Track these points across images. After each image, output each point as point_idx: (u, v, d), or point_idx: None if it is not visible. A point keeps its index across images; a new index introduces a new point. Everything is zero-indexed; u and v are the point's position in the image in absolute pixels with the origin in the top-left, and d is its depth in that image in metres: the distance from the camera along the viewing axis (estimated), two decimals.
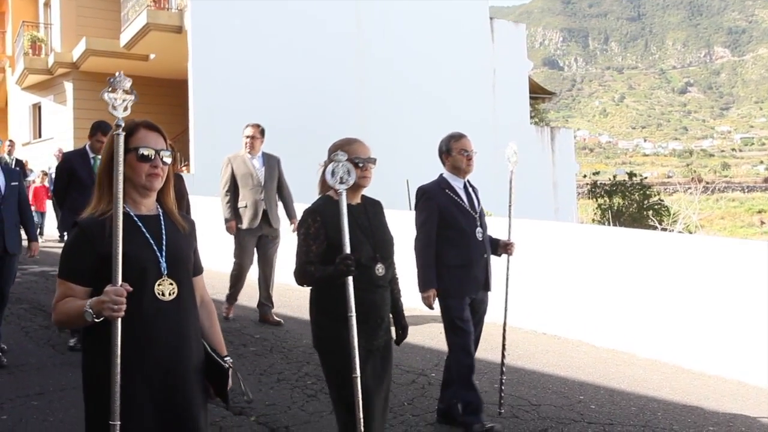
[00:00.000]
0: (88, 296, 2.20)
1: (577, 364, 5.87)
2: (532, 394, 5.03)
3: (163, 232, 2.37)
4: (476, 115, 17.89)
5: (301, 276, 3.09)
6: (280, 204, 7.11)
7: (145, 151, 2.30)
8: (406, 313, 3.45)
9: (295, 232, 6.65)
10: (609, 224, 18.48)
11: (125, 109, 2.18)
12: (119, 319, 2.10)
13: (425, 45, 17.45)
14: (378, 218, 3.25)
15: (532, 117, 22.18)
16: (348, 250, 2.89)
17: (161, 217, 2.41)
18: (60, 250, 2.37)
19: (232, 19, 15.16)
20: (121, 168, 2.13)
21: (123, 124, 2.17)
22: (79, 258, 2.25)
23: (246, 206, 6.81)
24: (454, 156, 4.37)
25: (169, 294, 2.30)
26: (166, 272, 2.30)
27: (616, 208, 21.83)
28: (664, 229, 16.18)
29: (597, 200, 22.86)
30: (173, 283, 2.32)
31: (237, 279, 7.11)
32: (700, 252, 5.99)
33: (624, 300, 6.31)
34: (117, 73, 2.22)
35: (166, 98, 18.60)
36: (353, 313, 2.89)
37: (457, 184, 4.39)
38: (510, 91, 19.31)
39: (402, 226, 4.89)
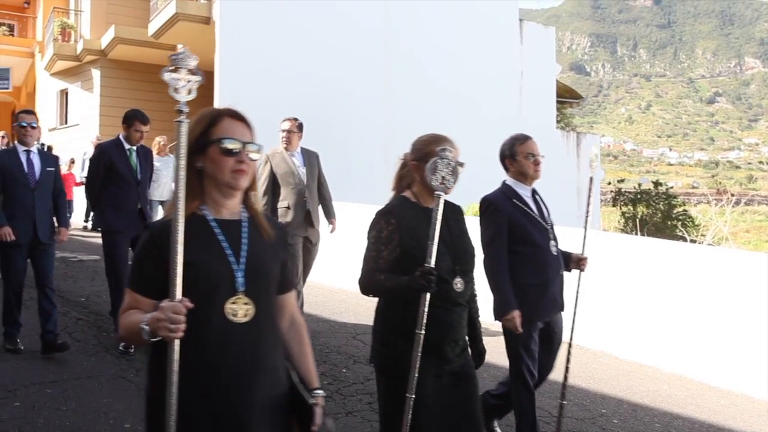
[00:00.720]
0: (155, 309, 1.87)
1: (599, 376, 5.73)
2: (553, 406, 4.90)
3: (244, 240, 2.01)
4: (502, 117, 17.70)
5: (368, 284, 2.73)
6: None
7: (229, 144, 1.97)
8: None
9: (333, 232, 6.24)
10: (635, 233, 18.24)
11: (189, 92, 1.88)
12: (177, 342, 1.78)
13: (453, 44, 17.30)
14: (459, 226, 2.88)
15: (558, 121, 21.94)
16: (433, 262, 2.52)
17: (244, 223, 2.05)
18: (83, 239, 2.28)
19: (259, 11, 15.11)
20: (183, 163, 1.81)
21: (186, 110, 1.84)
22: (147, 266, 1.94)
23: (288, 207, 6.17)
24: (520, 161, 3.90)
25: (244, 315, 1.95)
26: (242, 288, 1.95)
27: (640, 216, 21.54)
28: (693, 241, 15.91)
29: (621, 208, 22.58)
30: (250, 302, 1.95)
31: None
32: (731, 266, 5.82)
33: (650, 312, 6.15)
34: (180, 49, 1.90)
35: None
36: (422, 331, 2.55)
37: (525, 192, 3.92)
38: (537, 94, 19.11)
39: None
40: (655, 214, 21.31)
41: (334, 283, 8.99)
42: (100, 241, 6.13)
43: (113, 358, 5.46)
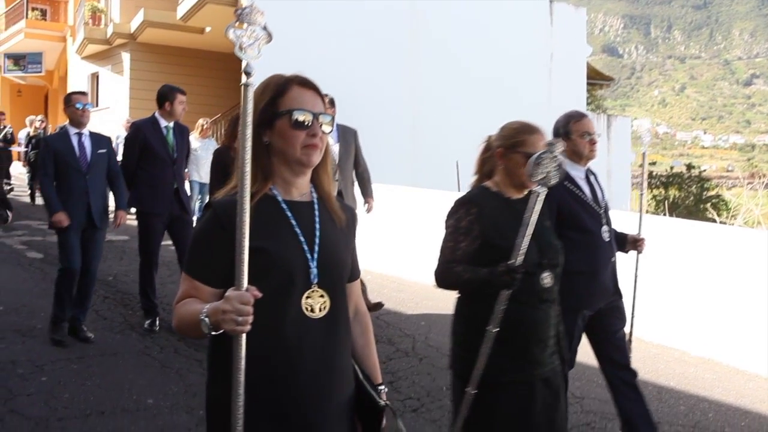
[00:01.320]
0: (217, 299, 1.64)
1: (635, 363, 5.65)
2: (576, 387, 4.85)
3: (317, 225, 1.80)
4: (531, 99, 17.49)
5: (444, 276, 2.55)
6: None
7: (300, 116, 1.74)
8: None
9: (370, 212, 6.26)
10: (665, 216, 17.99)
11: (257, 50, 1.64)
12: (244, 336, 1.56)
13: (481, 26, 17.09)
14: (541, 218, 2.56)
15: (588, 103, 21.64)
16: (521, 260, 2.35)
17: (316, 205, 1.83)
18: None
19: None
20: (248, 132, 1.54)
21: (253, 72, 1.59)
22: (209, 249, 1.71)
23: None
24: (575, 140, 3.63)
25: (320, 309, 1.75)
26: (316, 280, 1.75)
27: (671, 199, 21.23)
28: (723, 223, 15.63)
29: (652, 191, 22.26)
30: (325, 294, 1.76)
31: None
32: (761, 247, 5.69)
33: (678, 294, 6.05)
34: (247, 3, 1.67)
35: (220, 72, 18.66)
36: (496, 328, 2.39)
37: (578, 173, 3.63)
38: (567, 75, 18.84)
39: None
40: (687, 198, 20.98)
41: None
42: (129, 221, 6.18)
43: (138, 336, 5.52)
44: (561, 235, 3.16)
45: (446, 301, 3.07)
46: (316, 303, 1.74)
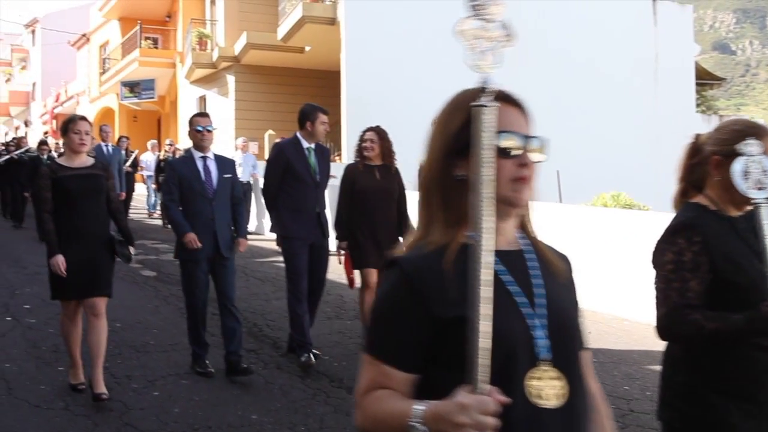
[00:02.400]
0: (412, 389, 1.32)
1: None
2: None
3: (536, 281, 1.38)
4: (636, 103, 16.92)
5: (677, 327, 2.02)
6: None
7: (507, 141, 1.33)
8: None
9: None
10: None
11: (497, 59, 1.27)
12: None
13: (582, 28, 16.68)
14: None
15: (698, 105, 20.70)
16: None
17: (528, 255, 1.42)
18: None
19: (382, 10, 15.22)
20: (486, 166, 1.20)
21: (491, 87, 1.25)
22: (402, 323, 1.30)
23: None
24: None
25: (555, 395, 1.31)
26: (547, 355, 1.32)
27: None
28: None
29: None
30: (559, 374, 1.32)
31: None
32: None
33: None
34: None
35: (320, 89, 19.04)
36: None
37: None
38: (674, 77, 18.09)
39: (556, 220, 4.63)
40: None
41: None
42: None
43: (243, 351, 5.67)
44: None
45: None
46: (547, 387, 1.30)
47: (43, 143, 13.97)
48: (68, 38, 34.48)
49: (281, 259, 5.71)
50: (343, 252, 5.69)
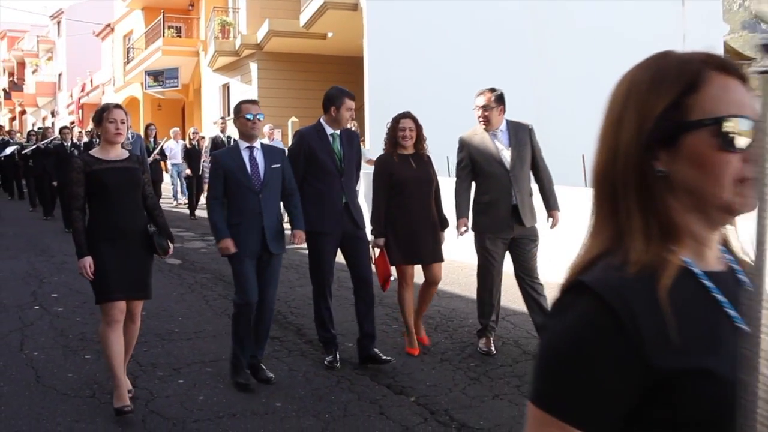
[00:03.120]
0: None
1: None
2: None
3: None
4: None
5: None
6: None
7: (737, 127, 1.00)
8: None
9: (554, 227, 5.29)
10: None
11: None
12: None
13: (609, 6, 16.44)
14: None
15: None
16: None
17: (740, 276, 1.08)
18: None
19: None
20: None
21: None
22: (599, 373, 0.96)
23: (489, 202, 5.25)
24: None
25: None
26: None
27: None
28: None
29: None
30: None
31: (486, 296, 5.39)
32: None
33: None
34: None
35: (343, 75, 18.91)
36: None
37: None
38: None
39: (580, 206, 4.57)
40: None
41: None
42: None
43: (268, 339, 5.69)
44: None
45: None
46: None
47: (64, 128, 13.53)
48: (93, 28, 34.73)
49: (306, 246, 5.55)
50: (378, 249, 5.31)
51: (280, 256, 4.83)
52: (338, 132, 5.13)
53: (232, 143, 12.61)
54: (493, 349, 5.29)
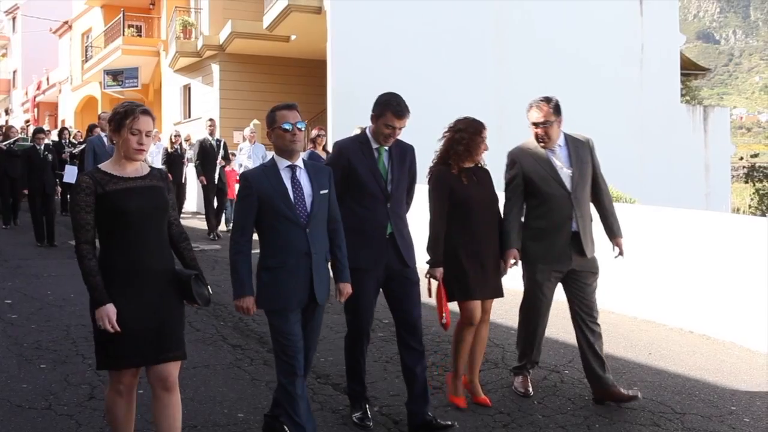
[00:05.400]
0: None
1: (728, 369, 5.35)
2: (676, 401, 4.62)
3: None
4: (622, 94, 16.98)
5: None
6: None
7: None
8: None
9: (621, 256, 4.61)
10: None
11: None
12: None
13: (569, 19, 16.67)
14: None
15: (683, 95, 20.78)
16: None
17: None
18: (205, 228, 2.17)
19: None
20: None
21: None
22: None
23: (543, 228, 4.53)
24: None
25: None
26: None
27: None
28: None
29: (755, 185, 21.16)
30: None
31: (529, 334, 4.74)
32: None
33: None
34: None
35: (306, 78, 18.96)
36: None
37: None
38: (659, 67, 18.14)
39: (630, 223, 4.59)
40: None
41: None
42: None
43: (229, 347, 5.63)
44: None
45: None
46: None
47: (39, 131, 11.82)
48: (50, 25, 34.06)
49: None
50: (435, 282, 4.41)
51: (324, 307, 3.82)
52: (386, 147, 4.17)
53: (223, 146, 11.98)
54: (530, 389, 4.65)
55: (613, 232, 4.65)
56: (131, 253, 3.19)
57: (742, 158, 28.43)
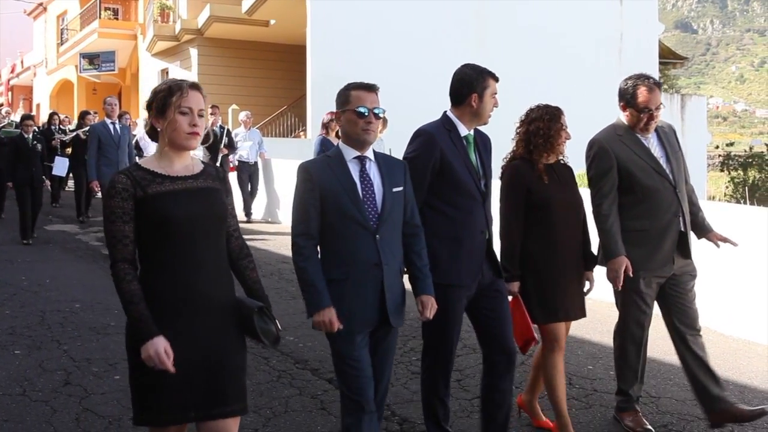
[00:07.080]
0: None
1: (730, 361, 5.41)
2: (652, 385, 4.67)
3: None
4: (600, 82, 16.99)
5: None
6: None
7: None
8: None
9: (728, 243, 3.88)
10: (743, 200, 17.27)
11: None
12: None
13: (548, 5, 16.69)
14: None
15: (661, 84, 20.95)
16: None
17: None
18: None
19: None
20: None
21: None
22: None
23: (647, 229, 3.83)
24: None
25: None
26: None
27: (751, 182, 20.35)
28: None
29: (730, 173, 21.40)
30: None
31: (633, 359, 3.99)
32: None
33: (756, 288, 5.75)
34: None
35: (285, 64, 18.85)
36: None
37: None
38: (638, 56, 18.22)
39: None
40: None
41: None
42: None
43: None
44: None
45: None
46: None
47: (27, 118, 10.46)
48: (24, 7, 33.48)
49: (263, 238, 4.76)
50: (511, 297, 3.65)
51: (397, 331, 3.20)
52: (472, 132, 3.52)
53: (234, 136, 11.31)
54: (648, 425, 3.88)
55: (705, 226, 4.01)
56: (179, 275, 2.47)
57: (717, 147, 28.71)
